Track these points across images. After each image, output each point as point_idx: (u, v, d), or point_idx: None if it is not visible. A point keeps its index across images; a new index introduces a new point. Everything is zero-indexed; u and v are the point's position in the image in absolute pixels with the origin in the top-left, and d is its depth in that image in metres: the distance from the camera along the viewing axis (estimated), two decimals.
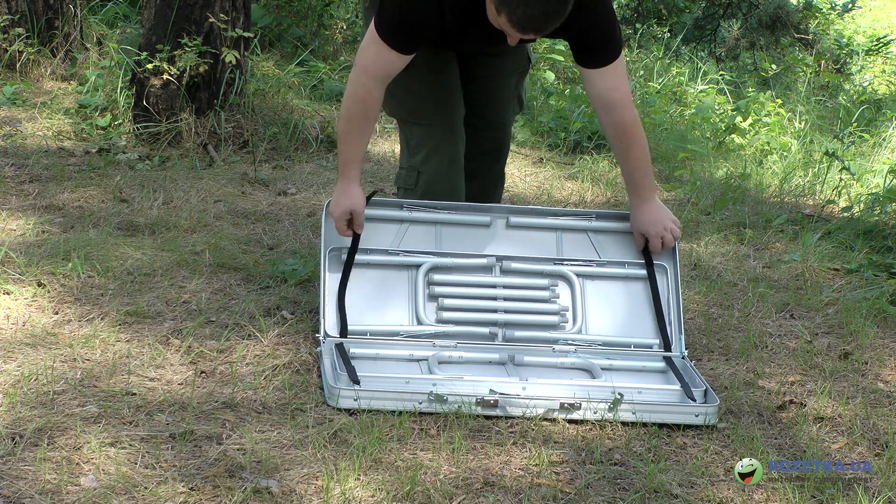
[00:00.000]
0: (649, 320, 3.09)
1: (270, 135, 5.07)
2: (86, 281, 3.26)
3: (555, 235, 3.18)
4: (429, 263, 3.06)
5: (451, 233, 3.14)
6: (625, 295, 3.13)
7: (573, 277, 3.10)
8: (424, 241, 3.11)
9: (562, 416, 2.66)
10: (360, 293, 3.02)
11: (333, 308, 2.97)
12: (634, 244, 3.15)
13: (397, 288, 3.05)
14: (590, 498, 2.33)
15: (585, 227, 3.19)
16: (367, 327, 2.98)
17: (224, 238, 3.77)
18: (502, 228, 3.17)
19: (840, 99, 7.70)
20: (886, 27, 10.91)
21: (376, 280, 3.05)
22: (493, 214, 3.16)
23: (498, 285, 3.09)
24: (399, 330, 2.98)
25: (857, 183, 5.24)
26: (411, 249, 3.08)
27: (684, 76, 7.54)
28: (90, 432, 2.40)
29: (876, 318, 3.47)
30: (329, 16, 7.38)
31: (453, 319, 3.02)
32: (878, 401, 2.92)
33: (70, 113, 5.21)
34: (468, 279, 3.09)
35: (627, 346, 3.04)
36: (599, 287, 3.12)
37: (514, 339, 3.00)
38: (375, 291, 3.04)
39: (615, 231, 3.19)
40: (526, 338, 3.01)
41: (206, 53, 4.86)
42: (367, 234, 3.06)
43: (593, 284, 3.12)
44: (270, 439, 2.46)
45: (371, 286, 3.04)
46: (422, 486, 2.30)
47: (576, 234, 3.18)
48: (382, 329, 2.98)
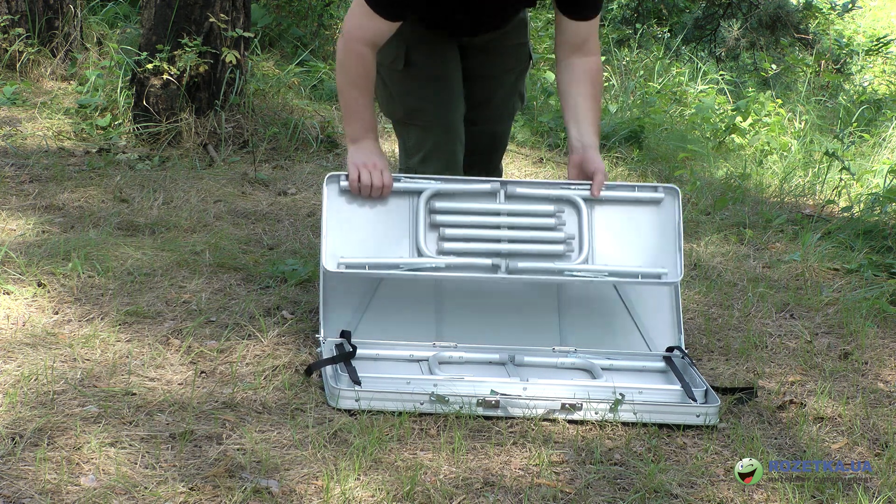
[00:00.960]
0: (658, 248, 3.00)
1: (270, 135, 5.07)
2: (86, 281, 3.26)
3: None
4: (431, 189, 2.96)
5: None
6: (633, 221, 3.03)
7: (580, 203, 2.99)
8: None
9: (563, 416, 2.66)
10: (360, 222, 2.93)
11: (334, 236, 2.88)
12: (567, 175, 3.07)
13: (398, 216, 2.96)
14: (590, 498, 2.33)
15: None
16: (365, 260, 2.89)
17: (224, 238, 3.77)
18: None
19: (840, 99, 7.70)
20: (886, 27, 10.91)
21: (376, 208, 2.96)
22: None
23: (502, 212, 2.98)
24: (399, 262, 2.90)
25: (857, 183, 5.24)
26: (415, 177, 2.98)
27: (684, 76, 7.55)
28: (90, 432, 2.40)
29: (876, 318, 3.47)
30: (329, 16, 7.39)
31: (455, 250, 2.92)
32: (878, 401, 2.92)
33: (70, 113, 5.21)
34: (471, 206, 2.98)
35: (634, 275, 2.96)
36: (608, 213, 3.02)
37: (517, 270, 2.91)
38: (375, 219, 2.95)
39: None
40: (530, 269, 2.93)
41: (206, 53, 4.86)
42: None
43: (602, 210, 3.02)
44: (270, 439, 2.46)
45: (371, 214, 2.95)
46: (422, 486, 2.30)
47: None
48: (380, 262, 2.89)
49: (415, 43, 3.11)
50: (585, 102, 3.05)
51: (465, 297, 3.06)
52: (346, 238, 2.92)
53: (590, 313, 3.15)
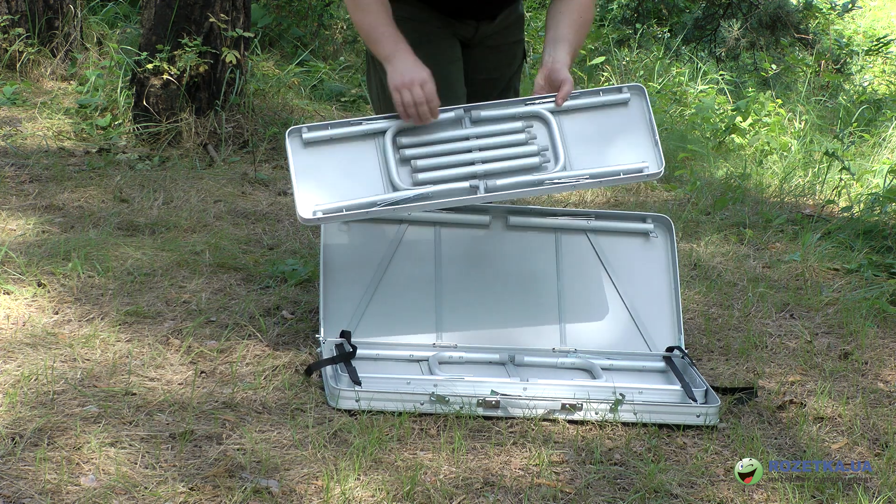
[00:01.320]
0: (635, 146, 2.94)
1: (270, 135, 5.07)
2: (86, 281, 3.26)
3: (553, 236, 3.16)
4: (395, 126, 2.89)
5: (450, 235, 3.10)
6: (604, 125, 2.97)
7: (547, 115, 2.93)
8: (424, 244, 3.06)
9: (563, 416, 2.66)
10: (329, 170, 2.86)
11: (304, 187, 2.80)
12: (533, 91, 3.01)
13: (367, 159, 2.89)
14: (590, 498, 2.33)
15: (584, 227, 3.15)
16: (340, 203, 2.81)
17: (224, 238, 3.77)
18: (501, 229, 3.13)
19: (840, 99, 7.70)
20: (886, 27, 10.91)
21: (342, 155, 2.89)
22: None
23: (471, 136, 2.91)
24: (375, 200, 2.82)
25: (857, 183, 5.24)
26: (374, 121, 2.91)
27: (684, 76, 7.55)
28: (90, 432, 2.40)
29: (876, 318, 3.47)
30: (329, 16, 7.39)
31: (430, 179, 2.85)
32: (878, 401, 2.92)
33: (70, 113, 5.21)
34: (438, 136, 2.91)
35: (616, 174, 2.89)
36: (576, 121, 2.95)
37: (496, 188, 2.85)
38: (345, 165, 2.87)
39: (615, 231, 3.16)
40: (510, 184, 2.86)
41: (206, 53, 4.86)
42: (362, 240, 3.01)
43: (571, 119, 2.94)
44: (270, 439, 2.46)
45: (339, 160, 2.88)
46: (422, 486, 2.30)
47: (574, 234, 3.14)
48: (357, 202, 2.81)
49: (417, 43, 3.10)
50: (567, 28, 3.01)
51: (465, 295, 3.06)
52: (318, 186, 2.82)
53: (590, 313, 3.15)
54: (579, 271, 3.10)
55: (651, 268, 3.15)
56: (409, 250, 3.07)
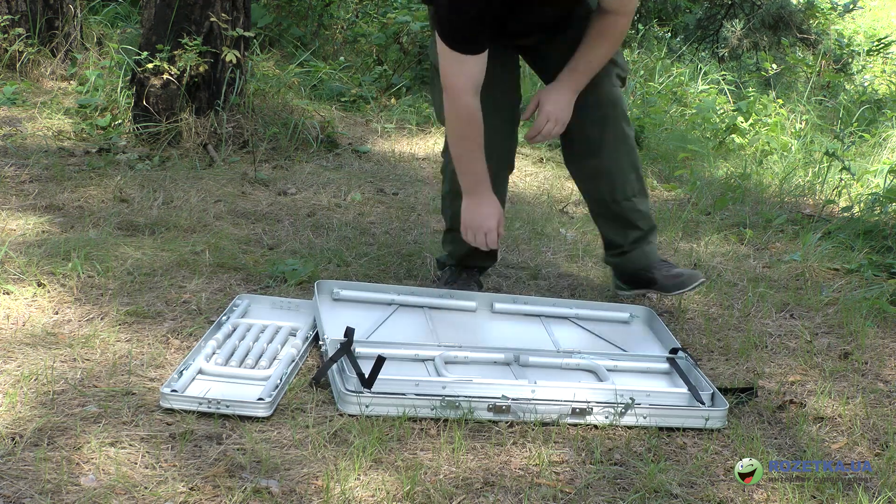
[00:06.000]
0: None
1: (270, 135, 5.07)
2: (86, 281, 3.26)
3: (540, 319, 3.24)
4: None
5: (440, 315, 3.18)
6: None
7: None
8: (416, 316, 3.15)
9: (573, 420, 2.64)
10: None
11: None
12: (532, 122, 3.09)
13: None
14: (590, 498, 2.33)
15: (568, 314, 3.26)
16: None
17: (224, 238, 3.77)
18: (487, 314, 3.23)
19: (840, 99, 7.70)
20: (887, 27, 10.91)
21: None
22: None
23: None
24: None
25: (858, 183, 5.24)
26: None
27: (685, 76, 7.55)
28: (90, 432, 2.40)
29: (876, 318, 3.47)
30: (329, 16, 7.39)
31: None
32: (878, 401, 2.92)
33: (70, 113, 5.21)
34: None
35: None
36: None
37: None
38: None
39: (599, 320, 3.26)
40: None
41: (206, 53, 4.87)
42: (354, 316, 3.04)
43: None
44: (270, 439, 2.45)
45: None
46: (422, 486, 2.30)
47: (560, 319, 3.25)
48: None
49: None
50: (588, 52, 3.06)
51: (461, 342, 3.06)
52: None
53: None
54: (575, 346, 3.11)
55: (643, 338, 3.23)
56: (401, 322, 3.14)
